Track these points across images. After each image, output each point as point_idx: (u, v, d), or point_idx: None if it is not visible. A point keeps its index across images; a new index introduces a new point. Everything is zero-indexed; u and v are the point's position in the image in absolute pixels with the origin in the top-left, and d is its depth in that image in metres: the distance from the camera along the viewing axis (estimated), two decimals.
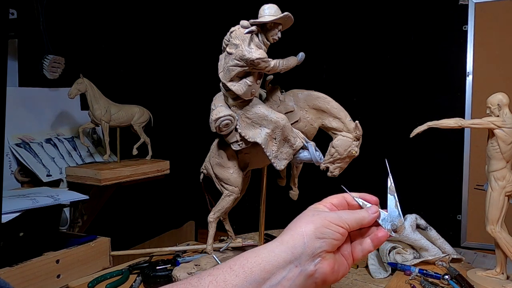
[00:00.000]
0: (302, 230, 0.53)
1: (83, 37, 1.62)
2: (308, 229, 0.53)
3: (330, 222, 0.54)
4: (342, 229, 0.55)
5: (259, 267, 0.50)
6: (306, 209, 0.59)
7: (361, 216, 0.58)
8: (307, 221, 0.55)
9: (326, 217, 0.55)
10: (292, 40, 1.09)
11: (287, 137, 0.85)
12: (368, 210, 0.59)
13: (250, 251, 0.53)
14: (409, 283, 0.97)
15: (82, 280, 1.00)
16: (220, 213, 0.93)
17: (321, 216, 0.55)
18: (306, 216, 0.56)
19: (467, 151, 1.73)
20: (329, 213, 0.57)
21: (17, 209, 0.92)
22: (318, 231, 0.53)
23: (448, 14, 1.75)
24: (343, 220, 0.55)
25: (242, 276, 0.49)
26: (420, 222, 1.15)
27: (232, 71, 0.80)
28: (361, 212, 0.59)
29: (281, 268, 0.51)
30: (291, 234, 0.54)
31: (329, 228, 0.54)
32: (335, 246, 0.55)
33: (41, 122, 1.47)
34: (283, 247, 0.52)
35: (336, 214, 0.56)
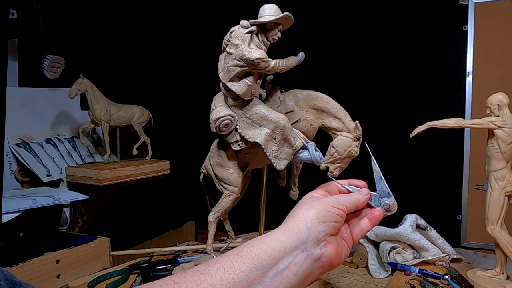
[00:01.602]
0: (305, 215, 0.55)
1: (83, 37, 1.62)
2: (311, 214, 0.55)
3: (331, 205, 0.56)
4: (341, 211, 0.57)
5: (266, 253, 0.50)
6: (303, 197, 0.60)
7: (356, 198, 0.61)
8: (308, 206, 0.56)
9: (326, 201, 0.57)
10: (292, 40, 1.09)
11: (287, 137, 0.85)
12: (361, 192, 0.62)
13: (256, 238, 0.54)
14: (409, 283, 0.97)
15: (82, 280, 1.00)
16: (220, 213, 0.93)
17: (321, 201, 0.57)
18: (306, 202, 0.58)
19: (467, 151, 1.74)
20: (328, 197, 0.59)
21: (17, 209, 0.92)
22: (320, 215, 0.55)
23: (448, 14, 1.75)
24: (341, 203, 0.58)
25: (249, 262, 0.50)
26: (420, 222, 1.15)
27: (232, 71, 0.80)
28: (355, 194, 0.62)
29: (288, 254, 0.52)
30: (295, 221, 0.55)
31: (330, 211, 0.56)
32: (337, 228, 0.57)
33: (41, 122, 1.46)
34: (288, 233, 0.53)
35: (334, 198, 0.58)
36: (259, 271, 0.49)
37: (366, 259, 1.10)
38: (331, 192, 0.63)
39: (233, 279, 0.48)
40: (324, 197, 0.60)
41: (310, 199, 0.59)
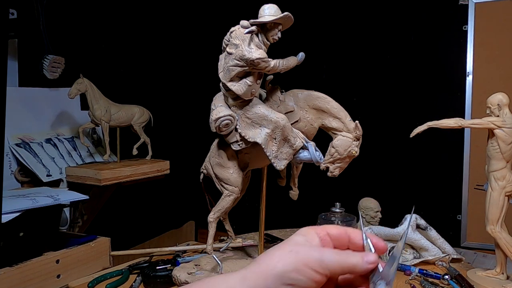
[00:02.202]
0: (269, 269, 0.46)
1: (83, 37, 1.62)
2: (276, 271, 0.45)
3: (307, 265, 0.45)
4: (319, 276, 0.45)
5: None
6: (292, 236, 0.50)
7: (352, 262, 0.47)
8: (279, 258, 0.46)
9: (303, 258, 0.46)
10: (292, 40, 1.09)
11: (287, 137, 0.85)
12: (364, 256, 0.47)
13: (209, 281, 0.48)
14: (409, 283, 0.97)
15: (82, 280, 1.00)
16: (220, 213, 0.93)
17: (299, 256, 0.46)
18: (283, 249, 0.47)
19: (467, 151, 1.74)
20: (311, 251, 0.47)
21: (17, 209, 0.92)
22: (286, 276, 0.45)
23: (448, 14, 1.75)
24: (324, 264, 0.46)
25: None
26: (420, 222, 1.15)
27: (232, 71, 0.80)
28: (354, 257, 0.47)
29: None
30: (256, 272, 0.47)
31: (302, 274, 0.45)
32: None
33: (41, 122, 1.46)
34: (243, 286, 0.46)
35: (319, 255, 0.46)
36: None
37: None
38: (335, 239, 0.50)
39: None
40: (310, 248, 0.48)
41: (291, 245, 0.48)
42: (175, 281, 0.89)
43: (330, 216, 1.21)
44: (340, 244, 0.50)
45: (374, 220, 1.30)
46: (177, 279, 0.88)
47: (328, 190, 1.57)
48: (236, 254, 1.00)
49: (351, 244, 0.50)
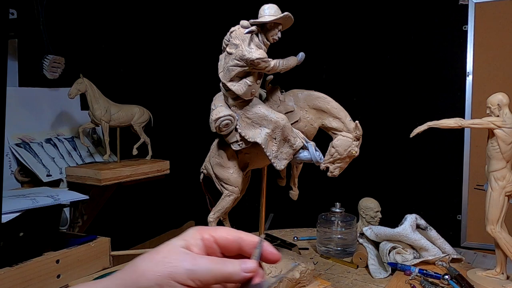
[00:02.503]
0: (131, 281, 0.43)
1: (83, 37, 1.62)
2: (138, 285, 0.43)
3: (173, 279, 0.42)
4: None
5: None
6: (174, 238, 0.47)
7: (227, 271, 0.44)
8: (143, 270, 0.43)
9: (170, 272, 0.42)
10: (292, 40, 1.09)
11: (287, 137, 0.85)
12: (242, 263, 0.44)
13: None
14: (409, 283, 0.97)
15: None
16: (220, 213, 0.93)
17: (165, 269, 0.43)
18: (153, 258, 0.44)
19: (467, 151, 1.74)
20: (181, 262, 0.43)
21: (17, 209, 0.92)
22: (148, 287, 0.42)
23: (448, 14, 1.75)
24: (195, 276, 0.42)
25: None
26: (420, 222, 1.15)
27: (232, 71, 0.80)
28: (231, 264, 0.44)
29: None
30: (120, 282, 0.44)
31: (166, 286, 0.42)
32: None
33: (41, 122, 1.46)
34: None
35: (191, 265, 0.43)
36: None
37: (366, 259, 1.10)
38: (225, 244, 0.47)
39: None
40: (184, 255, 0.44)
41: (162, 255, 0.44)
42: None
43: (330, 216, 1.21)
44: (228, 251, 0.47)
45: (374, 220, 1.30)
46: None
47: (328, 190, 1.57)
48: None
49: (243, 251, 0.47)
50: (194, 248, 0.46)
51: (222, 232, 0.47)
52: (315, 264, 1.09)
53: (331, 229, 1.19)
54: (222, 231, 0.47)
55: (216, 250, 0.47)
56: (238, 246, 0.47)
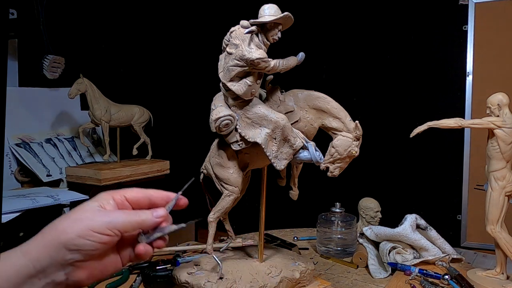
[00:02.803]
0: (52, 240, 0.46)
1: (83, 37, 1.62)
2: (59, 241, 0.45)
3: (92, 231, 0.46)
4: (107, 237, 0.47)
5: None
6: (86, 202, 0.50)
7: (141, 218, 0.49)
8: (63, 227, 0.46)
9: (88, 225, 0.46)
10: (292, 40, 1.09)
11: (287, 137, 0.85)
12: (153, 211, 0.51)
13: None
14: (409, 283, 0.97)
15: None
16: (220, 213, 0.93)
17: (84, 223, 0.46)
18: (67, 218, 0.47)
19: (467, 151, 1.74)
20: (97, 216, 0.47)
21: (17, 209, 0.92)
22: (70, 242, 0.45)
23: (448, 14, 1.75)
24: (112, 226, 0.47)
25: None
26: (420, 222, 1.15)
27: (232, 71, 0.80)
28: (144, 213, 0.50)
29: (22, 284, 0.44)
30: (39, 245, 0.46)
31: (88, 238, 0.45)
32: (94, 255, 0.47)
33: (41, 122, 1.47)
34: (25, 260, 0.45)
35: (107, 217, 0.47)
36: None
37: (366, 259, 1.10)
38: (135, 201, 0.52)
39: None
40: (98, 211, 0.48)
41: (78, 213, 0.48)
42: (175, 281, 0.89)
43: (330, 216, 1.21)
44: (140, 207, 0.52)
45: (374, 220, 1.30)
46: (177, 279, 0.88)
47: (328, 190, 1.57)
48: (236, 254, 1.00)
49: (153, 205, 0.53)
50: (107, 206, 0.50)
51: (132, 192, 0.52)
52: (315, 264, 1.09)
53: (331, 229, 1.19)
54: (131, 191, 0.52)
55: (128, 207, 0.52)
56: (148, 201, 0.53)
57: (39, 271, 0.45)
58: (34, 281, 0.45)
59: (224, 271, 0.86)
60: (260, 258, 0.94)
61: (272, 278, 0.86)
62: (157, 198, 0.53)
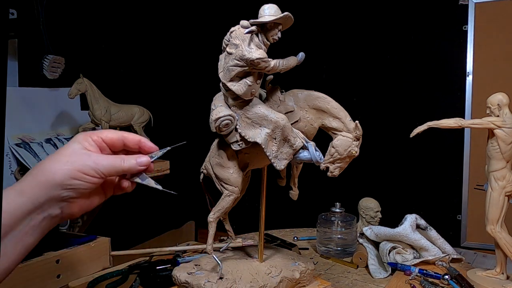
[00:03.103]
0: (48, 181, 0.50)
1: (83, 37, 1.62)
2: (55, 182, 0.50)
3: (82, 172, 0.51)
4: (95, 179, 0.53)
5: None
6: (69, 143, 0.54)
7: (127, 166, 0.56)
8: (56, 169, 0.51)
9: (78, 167, 0.51)
10: (292, 40, 1.09)
11: (287, 137, 0.85)
12: (138, 158, 0.57)
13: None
14: (409, 283, 0.97)
15: (82, 280, 1.00)
16: (220, 213, 0.93)
17: (75, 165, 0.51)
18: (59, 161, 0.52)
19: (467, 151, 1.74)
20: (85, 160, 0.52)
21: None
22: (65, 182, 0.51)
23: (448, 14, 1.75)
24: (99, 169, 0.53)
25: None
26: (420, 222, 1.15)
27: (232, 71, 0.80)
28: (128, 161, 0.56)
29: (23, 219, 0.49)
30: (33, 185, 0.50)
31: (80, 179, 0.51)
32: (85, 193, 0.53)
33: (41, 122, 1.46)
34: (24, 198, 0.49)
35: (93, 162, 0.52)
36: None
37: (366, 259, 1.10)
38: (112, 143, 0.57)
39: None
40: (86, 153, 0.53)
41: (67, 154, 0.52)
42: (175, 281, 0.89)
43: (330, 216, 1.21)
44: (115, 147, 0.58)
45: (374, 220, 1.30)
46: (177, 279, 0.88)
47: (328, 190, 1.57)
48: (236, 254, 1.00)
49: (127, 147, 0.58)
50: (91, 148, 0.55)
51: (107, 133, 0.57)
52: (315, 264, 1.09)
53: (331, 229, 1.19)
54: (107, 132, 0.57)
55: (106, 148, 0.57)
56: (122, 143, 0.58)
57: (37, 207, 0.50)
58: (33, 216, 0.50)
59: (224, 271, 0.86)
60: (260, 258, 0.94)
61: (272, 278, 0.86)
62: (130, 141, 0.58)
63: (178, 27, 2.13)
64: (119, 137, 0.58)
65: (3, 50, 0.33)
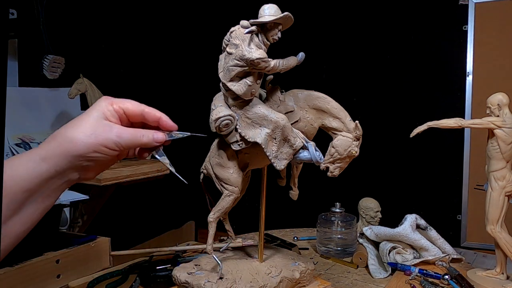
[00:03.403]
0: (71, 151, 0.52)
1: (83, 37, 1.62)
2: (78, 153, 0.52)
3: (105, 146, 0.54)
4: (115, 152, 0.56)
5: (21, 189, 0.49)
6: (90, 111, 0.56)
7: (144, 141, 0.59)
8: (81, 141, 0.53)
9: (102, 141, 0.54)
10: (292, 40, 1.09)
11: (287, 137, 0.85)
12: (155, 134, 0.60)
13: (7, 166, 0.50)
14: (409, 283, 0.97)
15: (82, 280, 1.00)
16: (220, 213, 0.93)
17: (98, 139, 0.54)
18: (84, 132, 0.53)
19: (467, 151, 1.74)
20: (109, 134, 0.55)
21: None
22: (87, 154, 0.53)
23: (448, 14, 1.75)
24: (120, 143, 0.55)
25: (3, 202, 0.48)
26: (420, 222, 1.15)
27: (232, 71, 0.80)
28: (146, 136, 0.59)
29: (45, 184, 0.52)
30: (57, 153, 0.52)
31: (101, 152, 0.54)
32: (103, 162, 0.56)
33: (41, 122, 1.47)
34: (47, 166, 0.51)
35: (115, 135, 0.55)
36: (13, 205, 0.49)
37: (366, 259, 1.10)
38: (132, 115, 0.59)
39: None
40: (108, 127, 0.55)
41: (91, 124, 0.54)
42: (175, 281, 0.89)
43: (330, 216, 1.21)
44: (134, 119, 0.60)
45: (374, 220, 1.30)
46: (177, 279, 0.88)
47: (328, 190, 1.57)
48: (236, 254, 1.00)
49: (146, 121, 0.61)
50: (112, 118, 0.57)
51: (129, 104, 0.59)
52: (315, 264, 1.09)
53: (331, 229, 1.19)
54: (128, 103, 0.60)
55: (125, 119, 0.59)
56: (142, 117, 0.61)
57: (59, 174, 0.53)
58: (54, 180, 0.53)
59: (224, 271, 0.86)
60: (260, 258, 0.94)
61: (272, 278, 0.86)
62: (151, 118, 0.62)
63: (178, 27, 2.13)
64: (140, 112, 0.60)
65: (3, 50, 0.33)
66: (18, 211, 0.51)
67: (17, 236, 0.55)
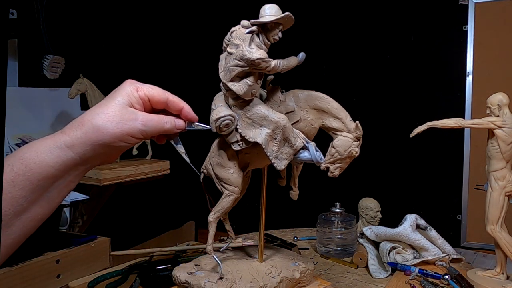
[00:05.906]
0: (98, 140, 0.53)
1: (83, 37, 1.62)
2: (104, 141, 0.53)
3: (131, 135, 0.55)
4: (139, 140, 0.57)
5: (46, 178, 0.51)
6: (115, 95, 0.57)
7: (166, 128, 0.61)
8: (108, 130, 0.53)
9: (127, 130, 0.55)
10: (292, 40, 1.09)
11: (287, 137, 0.85)
12: (176, 122, 0.63)
13: (32, 152, 0.51)
14: (409, 283, 0.97)
15: (82, 280, 1.00)
16: (220, 213, 0.93)
17: (124, 128, 0.54)
18: (111, 121, 0.54)
19: (467, 151, 1.74)
20: (135, 123, 0.56)
21: None
22: (113, 143, 0.54)
23: (448, 14, 1.75)
24: (145, 131, 0.57)
25: (28, 188, 0.49)
26: (420, 222, 1.15)
27: (233, 71, 0.80)
28: (168, 124, 0.61)
29: (70, 170, 0.53)
30: (84, 141, 0.53)
31: (127, 141, 0.55)
32: (126, 148, 0.58)
33: (41, 122, 1.46)
34: (73, 154, 0.52)
35: (141, 124, 0.56)
36: (39, 191, 0.51)
37: (366, 259, 1.10)
38: (156, 102, 0.61)
39: (12, 206, 0.48)
40: (134, 115, 0.56)
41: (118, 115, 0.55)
42: (175, 281, 0.89)
43: (330, 216, 1.21)
44: (158, 106, 0.62)
45: (374, 220, 1.30)
46: (177, 279, 0.88)
47: (328, 190, 1.57)
48: (236, 254, 1.00)
49: (168, 108, 0.63)
50: (136, 105, 0.58)
51: (153, 92, 0.61)
52: (315, 264, 1.09)
53: (331, 229, 1.19)
54: (154, 91, 0.62)
55: (149, 106, 0.61)
56: (165, 105, 0.63)
57: (83, 160, 0.54)
58: (79, 167, 0.54)
59: (224, 271, 0.86)
60: (260, 258, 0.94)
61: (272, 278, 0.86)
62: (174, 107, 0.64)
63: (178, 27, 2.13)
64: (164, 100, 0.62)
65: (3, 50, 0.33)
66: (42, 196, 0.52)
67: (42, 219, 0.55)
